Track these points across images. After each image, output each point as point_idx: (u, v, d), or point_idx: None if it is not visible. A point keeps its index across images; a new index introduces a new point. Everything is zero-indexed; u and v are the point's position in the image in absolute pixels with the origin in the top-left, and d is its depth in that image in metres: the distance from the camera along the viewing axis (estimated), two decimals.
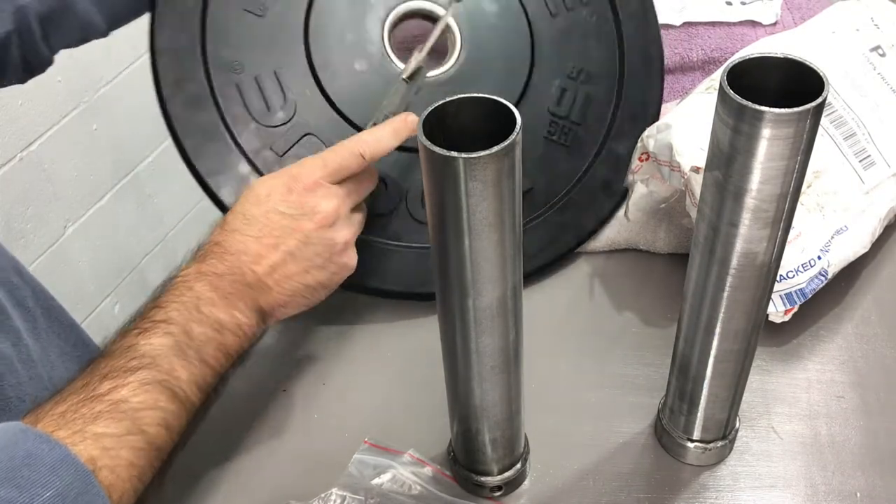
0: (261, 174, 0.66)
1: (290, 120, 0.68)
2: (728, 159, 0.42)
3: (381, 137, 0.61)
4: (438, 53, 0.73)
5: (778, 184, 0.42)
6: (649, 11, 0.79)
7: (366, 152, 0.60)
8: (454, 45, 0.73)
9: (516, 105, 0.46)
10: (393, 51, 0.71)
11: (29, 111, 1.22)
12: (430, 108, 0.41)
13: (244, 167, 0.67)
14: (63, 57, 0.69)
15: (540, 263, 0.73)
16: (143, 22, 0.67)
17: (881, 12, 0.72)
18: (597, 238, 0.75)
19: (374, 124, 0.64)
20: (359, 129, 0.68)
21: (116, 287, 1.47)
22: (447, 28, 0.72)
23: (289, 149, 0.68)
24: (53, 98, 1.26)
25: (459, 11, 0.73)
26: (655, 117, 0.76)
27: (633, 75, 0.77)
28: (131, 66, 1.39)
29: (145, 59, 0.66)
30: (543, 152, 0.74)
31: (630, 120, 0.76)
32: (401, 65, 0.69)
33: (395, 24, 0.72)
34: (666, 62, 0.83)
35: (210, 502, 0.59)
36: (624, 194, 0.74)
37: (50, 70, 0.69)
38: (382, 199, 0.69)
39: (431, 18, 0.72)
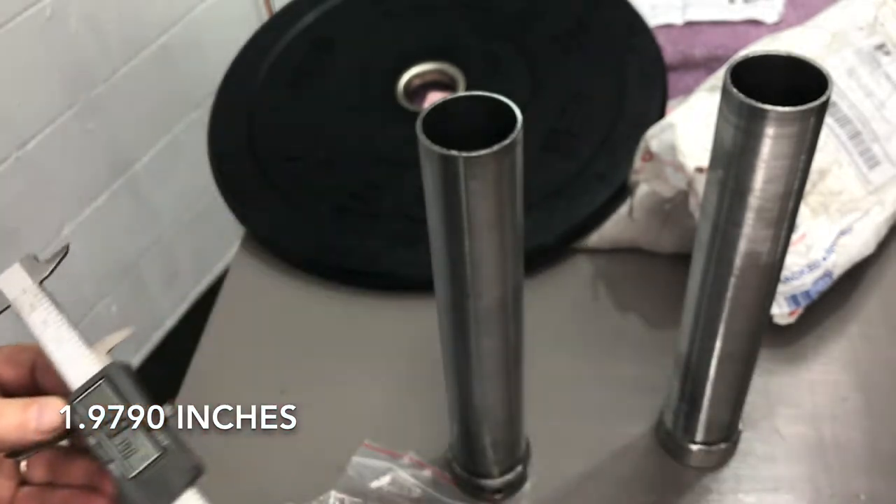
0: None
1: None
2: (731, 158, 0.42)
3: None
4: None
5: (782, 183, 0.42)
6: (650, 43, 0.82)
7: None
8: (457, 87, 0.81)
9: None
10: None
11: (24, 110, 1.21)
12: (430, 107, 0.41)
13: None
14: (58, 56, 0.69)
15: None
16: (139, 22, 0.67)
17: (886, 10, 0.72)
18: (599, 237, 0.74)
19: None
20: None
21: (113, 288, 1.47)
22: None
23: None
24: (49, 97, 1.25)
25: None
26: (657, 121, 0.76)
27: (634, 92, 0.79)
28: (127, 64, 1.38)
29: (141, 57, 0.66)
30: (538, 160, 0.75)
31: (631, 126, 0.76)
32: None
33: None
34: (668, 60, 0.83)
35: None
36: (618, 186, 0.74)
37: (45, 69, 0.68)
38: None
39: None
